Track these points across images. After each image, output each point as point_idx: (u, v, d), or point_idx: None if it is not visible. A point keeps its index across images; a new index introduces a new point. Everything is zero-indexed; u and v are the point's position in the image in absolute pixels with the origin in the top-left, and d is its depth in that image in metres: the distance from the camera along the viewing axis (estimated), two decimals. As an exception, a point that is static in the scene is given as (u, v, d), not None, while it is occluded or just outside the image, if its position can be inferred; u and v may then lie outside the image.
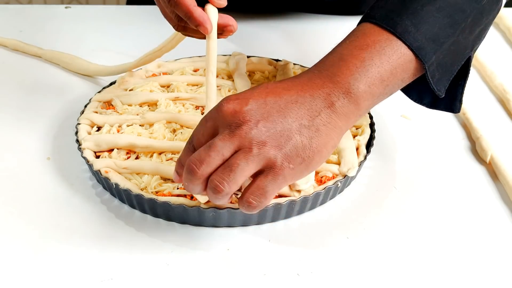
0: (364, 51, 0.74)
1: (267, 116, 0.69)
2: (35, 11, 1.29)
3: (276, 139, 0.68)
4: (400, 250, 0.77)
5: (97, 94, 0.95)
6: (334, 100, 0.71)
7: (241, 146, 0.68)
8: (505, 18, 1.25)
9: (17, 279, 0.72)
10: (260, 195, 0.68)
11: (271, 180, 0.68)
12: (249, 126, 0.68)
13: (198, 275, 0.73)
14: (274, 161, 0.68)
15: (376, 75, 0.73)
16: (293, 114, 0.70)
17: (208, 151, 0.68)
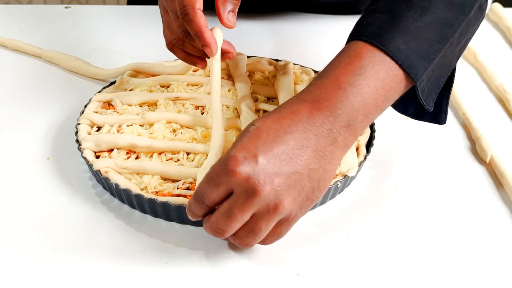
0: (361, 77, 0.73)
1: (278, 171, 0.68)
2: (35, 11, 1.29)
3: (291, 194, 0.69)
4: (400, 250, 0.77)
5: (97, 94, 0.95)
6: (336, 135, 0.71)
7: (260, 210, 0.68)
8: (505, 18, 1.25)
9: (17, 279, 0.72)
10: (277, 237, 0.73)
11: (287, 226, 0.72)
12: (266, 191, 0.67)
13: (198, 275, 0.73)
14: (290, 214, 0.70)
15: (372, 103, 0.74)
16: (302, 162, 0.69)
17: (229, 222, 0.69)
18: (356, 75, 0.73)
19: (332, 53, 0.75)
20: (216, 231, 0.70)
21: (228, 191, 0.68)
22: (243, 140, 0.69)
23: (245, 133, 0.70)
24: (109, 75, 1.05)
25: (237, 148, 0.69)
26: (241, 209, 0.68)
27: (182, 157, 0.83)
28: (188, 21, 0.79)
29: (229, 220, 0.69)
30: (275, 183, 0.67)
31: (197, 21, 0.79)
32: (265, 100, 0.95)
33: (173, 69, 0.99)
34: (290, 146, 0.69)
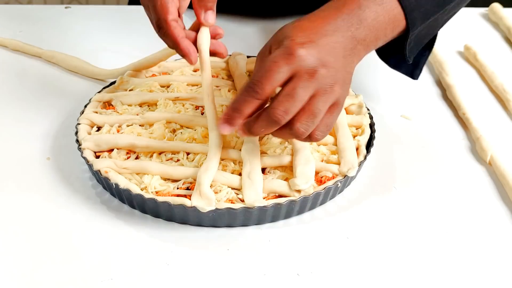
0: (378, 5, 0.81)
1: (330, 58, 0.75)
2: (35, 11, 1.29)
3: (340, 79, 0.76)
4: (400, 250, 0.77)
5: (97, 94, 0.95)
6: (355, 44, 0.79)
7: (318, 89, 0.74)
8: (505, 18, 1.25)
9: (17, 279, 0.72)
10: (326, 130, 0.77)
11: (335, 115, 0.77)
12: (325, 70, 0.74)
13: (198, 275, 0.73)
14: (340, 98, 0.76)
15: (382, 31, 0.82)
16: (342, 54, 0.77)
17: (292, 101, 0.72)
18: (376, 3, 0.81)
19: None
20: (277, 114, 0.72)
21: (289, 76, 0.73)
22: (291, 31, 0.76)
23: (287, 27, 0.77)
24: (109, 75, 1.05)
25: (291, 36, 0.75)
26: (303, 88, 0.72)
27: (182, 157, 0.84)
28: (163, 34, 0.82)
29: (292, 100, 0.72)
30: (330, 65, 0.74)
31: (171, 33, 0.81)
32: (265, 100, 0.95)
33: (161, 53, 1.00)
34: (330, 40, 0.76)
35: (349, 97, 0.95)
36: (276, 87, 0.73)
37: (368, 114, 0.92)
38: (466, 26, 1.27)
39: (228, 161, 0.83)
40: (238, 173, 0.82)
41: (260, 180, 0.79)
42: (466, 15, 1.31)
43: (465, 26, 1.27)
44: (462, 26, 1.27)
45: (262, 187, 0.79)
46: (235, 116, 0.75)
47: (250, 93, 0.73)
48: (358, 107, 0.94)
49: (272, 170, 0.83)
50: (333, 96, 0.75)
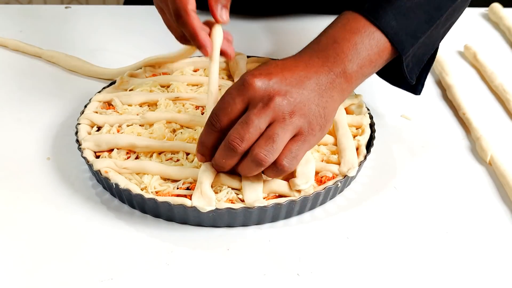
0: (355, 35, 0.82)
1: (290, 89, 0.76)
2: (35, 11, 1.29)
3: (301, 109, 0.76)
4: (400, 250, 0.77)
5: (97, 94, 0.95)
6: (333, 78, 0.80)
7: (275, 117, 0.75)
8: (505, 18, 1.25)
9: (17, 279, 0.72)
10: (292, 158, 0.76)
11: (301, 145, 0.76)
12: (280, 98, 0.75)
13: (198, 275, 0.73)
14: (303, 128, 0.76)
15: (366, 58, 0.83)
16: (308, 87, 0.78)
17: (246, 128, 0.74)
18: (352, 33, 0.82)
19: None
20: (235, 141, 0.74)
21: (244, 105, 0.75)
22: (255, 68, 0.78)
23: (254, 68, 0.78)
24: (109, 75, 1.05)
25: (252, 70, 0.77)
26: (258, 115, 0.74)
27: (182, 157, 0.84)
28: (182, 24, 0.83)
29: (247, 127, 0.74)
30: (287, 95, 0.75)
31: (191, 23, 0.83)
32: (265, 100, 0.95)
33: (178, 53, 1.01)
34: (297, 74, 0.78)
35: (349, 97, 0.95)
36: (232, 118, 0.75)
37: (368, 114, 0.92)
38: (466, 26, 1.27)
39: (228, 161, 0.83)
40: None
41: (260, 180, 0.79)
42: (466, 15, 1.30)
43: (465, 26, 1.27)
44: (462, 26, 1.27)
45: (262, 187, 0.79)
46: (202, 149, 0.78)
47: (209, 126, 0.76)
48: (358, 107, 0.94)
49: (272, 170, 0.83)
50: (292, 124, 0.75)
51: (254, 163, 0.75)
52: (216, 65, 0.86)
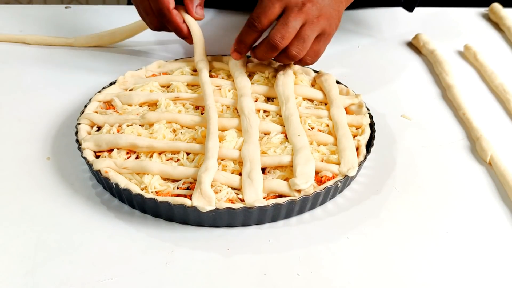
0: None
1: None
2: (35, 11, 1.29)
3: (325, 13, 0.92)
4: (400, 250, 0.77)
5: (97, 94, 0.95)
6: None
7: (306, 19, 0.91)
8: (505, 18, 1.25)
9: (17, 279, 0.72)
10: (315, 56, 0.95)
11: (323, 43, 0.94)
12: (310, 4, 0.91)
13: (198, 275, 0.73)
14: (326, 29, 0.93)
15: None
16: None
17: (286, 28, 0.90)
18: None
19: (332, 53, 0.76)
20: (278, 39, 0.90)
21: (281, 10, 0.90)
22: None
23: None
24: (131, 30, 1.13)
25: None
26: (294, 17, 0.90)
27: (182, 157, 0.84)
28: (166, 21, 0.99)
29: (286, 27, 0.90)
30: (315, 1, 0.91)
31: (174, 20, 0.98)
32: (265, 100, 0.96)
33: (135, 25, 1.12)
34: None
35: (349, 97, 0.95)
36: (271, 20, 0.91)
37: (368, 114, 0.92)
38: (466, 26, 1.27)
39: (228, 161, 0.83)
40: (238, 173, 0.82)
41: (260, 180, 0.79)
42: (466, 15, 1.31)
43: (465, 26, 1.27)
44: (462, 26, 1.27)
45: (262, 187, 0.79)
46: (241, 46, 0.94)
47: (250, 27, 0.92)
48: (358, 107, 0.94)
49: (272, 170, 0.83)
50: (319, 26, 0.92)
51: (287, 58, 0.92)
52: (209, 87, 0.94)
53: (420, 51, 1.17)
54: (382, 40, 1.19)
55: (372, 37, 1.20)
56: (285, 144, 0.86)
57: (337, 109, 0.91)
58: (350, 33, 1.05)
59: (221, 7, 1.24)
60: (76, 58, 1.13)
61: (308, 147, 0.84)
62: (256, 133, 0.86)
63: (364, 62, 1.14)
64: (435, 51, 1.13)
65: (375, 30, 1.14)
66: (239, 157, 0.83)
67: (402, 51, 1.18)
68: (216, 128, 0.85)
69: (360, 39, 1.19)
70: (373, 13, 1.26)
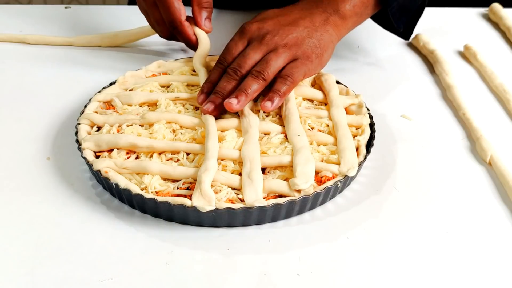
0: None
1: (283, 27, 0.92)
2: (35, 11, 1.29)
3: (295, 42, 0.90)
4: (400, 250, 0.77)
5: (97, 94, 0.95)
6: (328, 16, 0.95)
7: (269, 50, 0.90)
8: (505, 18, 1.25)
9: (17, 279, 0.72)
10: (288, 80, 0.88)
11: (295, 69, 0.89)
12: (273, 34, 0.90)
13: (197, 275, 0.73)
14: (297, 55, 0.90)
15: (358, 2, 0.98)
16: (302, 25, 0.93)
17: (244, 59, 0.89)
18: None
19: (332, 53, 0.76)
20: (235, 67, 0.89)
21: (244, 46, 0.92)
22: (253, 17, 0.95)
23: None
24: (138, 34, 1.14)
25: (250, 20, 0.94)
26: (253, 49, 0.90)
27: (182, 157, 0.84)
28: (177, 33, 1.03)
29: (244, 58, 0.89)
30: (280, 31, 0.91)
31: (186, 32, 1.02)
32: (265, 100, 0.95)
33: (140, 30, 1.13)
34: (291, 17, 0.94)
35: (349, 97, 0.95)
36: (235, 56, 0.91)
37: (368, 114, 0.92)
38: (466, 26, 1.27)
39: (228, 161, 0.83)
40: (238, 173, 0.82)
41: (260, 180, 0.79)
42: (466, 15, 1.31)
43: (465, 26, 1.27)
44: (462, 26, 1.27)
45: (262, 187, 0.79)
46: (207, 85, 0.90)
47: (216, 65, 0.92)
48: (358, 107, 0.94)
49: (272, 170, 0.83)
50: (285, 53, 0.89)
51: (252, 76, 0.87)
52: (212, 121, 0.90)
53: (420, 51, 1.17)
54: (382, 40, 1.19)
55: (372, 37, 1.20)
56: (285, 144, 0.86)
57: (337, 109, 0.91)
58: (350, 33, 1.05)
59: (221, 7, 1.24)
60: (76, 58, 1.13)
61: (308, 147, 0.84)
62: (256, 133, 0.86)
63: (364, 62, 1.14)
64: (435, 51, 1.13)
65: (375, 30, 1.14)
66: (239, 157, 0.83)
67: (402, 51, 1.18)
68: (215, 128, 0.85)
69: (360, 39, 1.19)
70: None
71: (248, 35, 0.92)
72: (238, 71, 0.88)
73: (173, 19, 1.01)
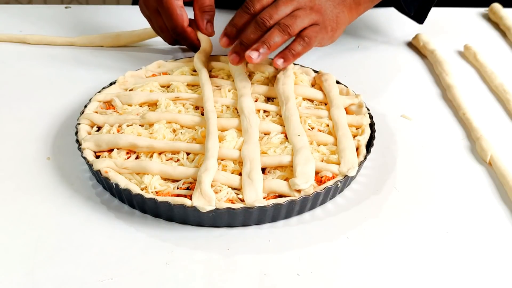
0: None
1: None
2: (35, 11, 1.29)
3: (319, 9, 0.94)
4: (400, 250, 0.77)
5: (97, 94, 0.95)
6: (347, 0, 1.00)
7: (298, 7, 0.93)
8: (505, 18, 1.25)
9: (17, 279, 0.72)
10: (304, 41, 0.92)
11: (314, 33, 0.93)
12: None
13: (198, 275, 0.73)
14: (318, 21, 0.94)
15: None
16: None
17: (275, 10, 0.91)
18: None
19: (332, 53, 0.76)
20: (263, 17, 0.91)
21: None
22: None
23: None
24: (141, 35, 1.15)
25: None
26: (285, 3, 0.92)
27: (182, 157, 0.84)
28: (181, 38, 1.05)
29: (276, 9, 0.91)
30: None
31: (190, 37, 1.04)
32: (265, 100, 0.96)
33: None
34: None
35: (349, 97, 0.95)
36: (264, 5, 0.92)
37: (368, 114, 0.92)
38: (466, 26, 1.27)
39: (228, 161, 0.83)
40: (238, 173, 0.82)
41: (260, 180, 0.79)
42: (466, 15, 1.31)
43: (465, 26, 1.27)
44: (462, 26, 1.27)
45: (262, 187, 0.79)
46: (230, 28, 0.93)
47: (243, 9, 0.94)
48: (358, 107, 0.94)
49: (272, 170, 0.83)
50: (310, 16, 0.92)
51: (278, 29, 0.90)
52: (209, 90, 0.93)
53: (420, 51, 1.17)
54: (382, 40, 1.19)
55: (372, 37, 1.20)
56: (285, 144, 0.86)
57: (337, 109, 0.91)
58: (350, 33, 1.05)
59: (221, 7, 1.25)
60: (76, 58, 1.13)
61: (308, 147, 0.84)
62: (256, 133, 0.86)
63: (364, 62, 1.14)
64: (435, 51, 1.13)
65: (375, 30, 1.14)
66: (239, 157, 0.83)
67: (402, 51, 1.18)
68: (215, 128, 0.85)
69: (360, 39, 1.19)
70: (373, 13, 1.26)
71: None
72: (267, 21, 0.91)
73: (176, 26, 1.02)
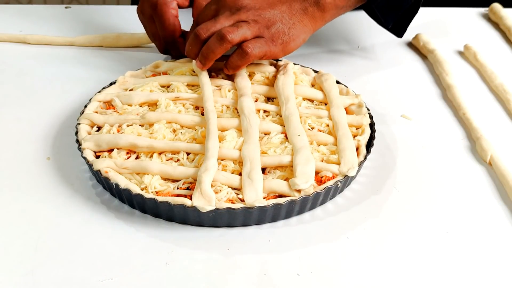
0: None
1: (259, 6, 0.93)
2: (35, 11, 1.29)
3: (266, 22, 0.92)
4: (400, 250, 0.77)
5: (97, 94, 0.95)
6: (307, 6, 0.95)
7: (241, 20, 0.91)
8: (505, 18, 1.25)
9: (17, 279, 0.72)
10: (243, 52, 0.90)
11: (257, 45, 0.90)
12: (247, 9, 0.92)
13: (197, 275, 0.73)
14: (264, 35, 0.91)
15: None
16: (278, 9, 0.93)
17: (213, 23, 0.91)
18: None
19: (332, 53, 0.75)
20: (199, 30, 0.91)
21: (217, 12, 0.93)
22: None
23: None
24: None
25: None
26: (224, 17, 0.92)
27: (182, 157, 0.84)
28: (172, 48, 1.05)
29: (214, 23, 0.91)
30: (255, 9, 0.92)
31: (180, 47, 1.03)
32: (265, 100, 0.96)
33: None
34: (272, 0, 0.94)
35: (349, 97, 0.95)
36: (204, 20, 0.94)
37: (368, 114, 0.92)
38: (466, 26, 1.27)
39: (228, 161, 0.83)
40: (238, 173, 0.82)
41: (260, 180, 0.79)
42: (466, 15, 1.31)
43: (465, 26, 1.27)
44: (462, 26, 1.27)
45: (262, 187, 0.79)
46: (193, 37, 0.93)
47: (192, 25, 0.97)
48: (358, 107, 0.94)
49: (272, 170, 0.83)
50: (254, 28, 0.91)
51: (218, 36, 0.89)
52: (208, 85, 0.94)
53: (420, 51, 1.17)
54: (382, 40, 1.19)
55: (372, 37, 1.20)
56: (285, 144, 0.86)
57: (337, 109, 0.91)
58: (350, 33, 1.05)
59: None
60: (76, 58, 1.13)
61: (308, 147, 0.84)
62: (256, 133, 0.86)
63: (364, 62, 1.14)
64: (435, 51, 1.13)
65: (375, 30, 1.14)
66: (239, 157, 0.83)
67: (402, 51, 1.18)
68: (215, 128, 0.85)
69: (360, 39, 1.19)
70: (373, 13, 1.26)
71: (221, 4, 0.94)
72: (204, 34, 0.91)
73: (166, 35, 1.02)
